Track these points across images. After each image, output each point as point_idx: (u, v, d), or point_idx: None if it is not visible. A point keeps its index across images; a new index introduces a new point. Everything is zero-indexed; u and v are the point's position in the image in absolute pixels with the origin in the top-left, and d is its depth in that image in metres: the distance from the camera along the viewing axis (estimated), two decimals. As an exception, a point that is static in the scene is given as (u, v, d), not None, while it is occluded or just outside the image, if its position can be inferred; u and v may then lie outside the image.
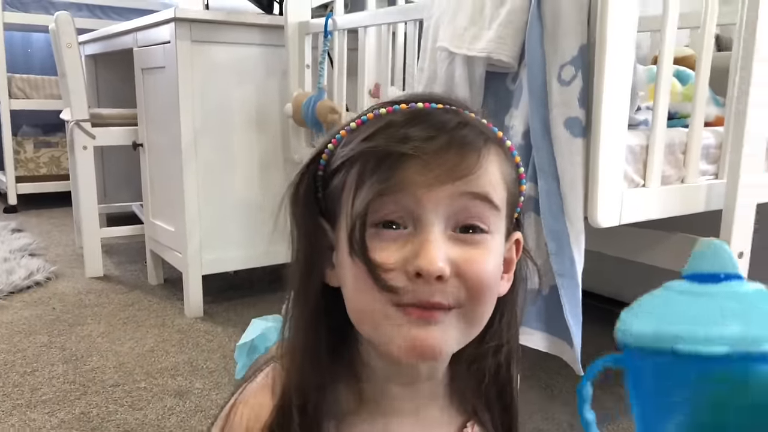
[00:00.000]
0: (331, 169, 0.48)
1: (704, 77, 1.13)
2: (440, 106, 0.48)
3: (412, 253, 0.43)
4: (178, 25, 1.77)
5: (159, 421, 1.32)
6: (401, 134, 0.44)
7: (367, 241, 0.44)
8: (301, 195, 0.49)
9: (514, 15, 1.07)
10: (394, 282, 0.43)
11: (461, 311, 0.45)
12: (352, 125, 0.48)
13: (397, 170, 0.43)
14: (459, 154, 0.44)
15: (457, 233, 0.45)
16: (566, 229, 1.03)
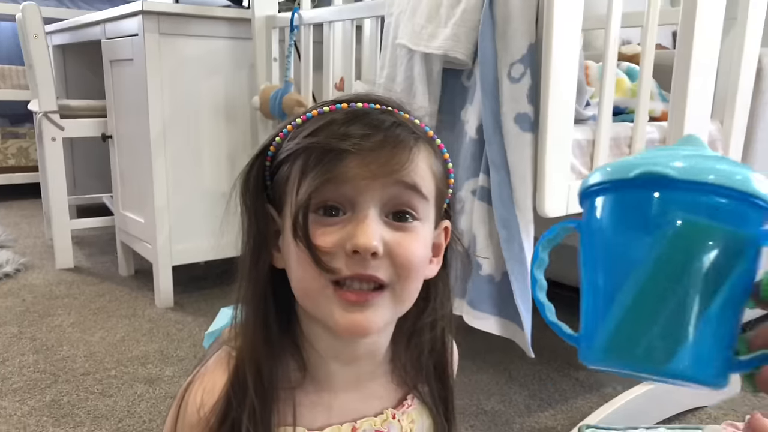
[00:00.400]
0: (278, 161, 0.53)
1: (647, 74, 1.19)
2: (378, 107, 0.52)
3: (350, 234, 0.48)
4: (146, 17, 1.79)
5: (129, 407, 1.36)
6: (341, 132, 0.49)
7: (309, 226, 0.49)
8: (251, 183, 0.54)
9: (468, 14, 1.12)
10: (333, 263, 0.48)
11: (391, 291, 0.50)
12: (297, 120, 0.53)
13: (337, 164, 0.48)
14: (392, 151, 0.49)
15: (390, 219, 0.50)
16: (516, 219, 1.09)
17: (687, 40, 1.14)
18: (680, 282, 0.32)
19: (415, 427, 0.59)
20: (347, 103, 0.52)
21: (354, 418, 0.56)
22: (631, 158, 0.35)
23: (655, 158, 0.34)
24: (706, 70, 1.19)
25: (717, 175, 0.32)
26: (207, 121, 1.95)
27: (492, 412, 1.37)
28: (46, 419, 1.31)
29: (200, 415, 0.53)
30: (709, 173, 0.32)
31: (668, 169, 0.33)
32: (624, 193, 0.35)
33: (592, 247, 0.36)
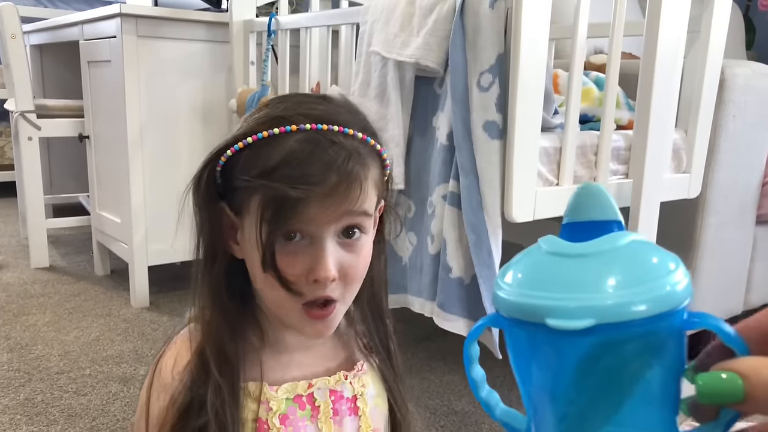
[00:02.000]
0: (232, 178, 0.57)
1: (613, 83, 1.23)
2: (325, 128, 0.55)
3: (311, 265, 0.55)
4: (124, 20, 1.80)
5: (103, 406, 1.37)
6: (297, 175, 0.52)
7: (276, 254, 0.55)
8: (203, 185, 0.58)
9: (440, 24, 1.15)
10: (298, 288, 0.56)
11: (340, 301, 0.59)
12: (248, 140, 0.55)
13: (295, 210, 0.53)
14: (347, 191, 0.54)
15: (341, 238, 0.57)
16: (485, 223, 1.12)
17: (651, 51, 1.18)
18: (606, 401, 0.32)
19: (365, 391, 0.65)
20: (296, 125, 0.54)
21: (311, 376, 0.63)
22: (544, 280, 0.32)
23: (565, 288, 0.31)
24: (670, 80, 1.23)
25: (603, 313, 0.29)
26: (184, 123, 1.96)
27: (462, 412, 1.40)
28: (20, 417, 1.31)
29: (173, 375, 0.59)
30: (594, 313, 0.29)
31: (582, 321, 0.29)
32: (537, 334, 0.32)
33: (516, 356, 0.35)
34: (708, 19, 1.32)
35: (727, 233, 1.59)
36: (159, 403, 0.60)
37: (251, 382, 0.60)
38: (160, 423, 0.59)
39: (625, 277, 0.30)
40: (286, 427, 0.60)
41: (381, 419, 0.67)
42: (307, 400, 0.62)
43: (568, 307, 0.30)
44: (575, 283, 0.31)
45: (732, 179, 1.55)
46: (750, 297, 1.76)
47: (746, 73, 1.49)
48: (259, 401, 0.60)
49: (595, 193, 0.34)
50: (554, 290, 0.31)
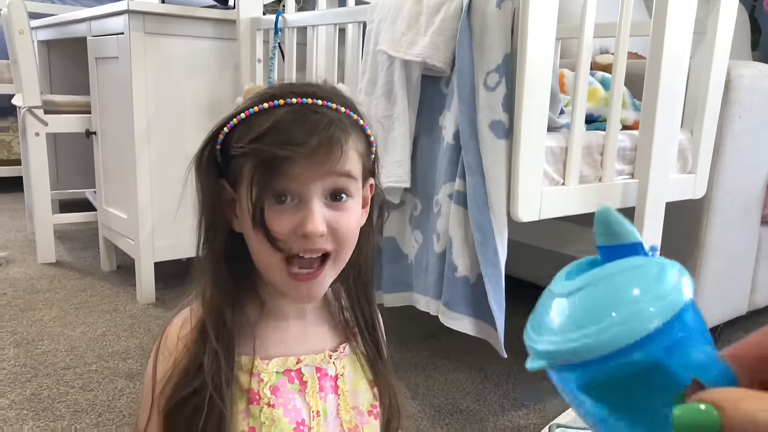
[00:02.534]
0: (229, 153, 0.62)
1: (619, 83, 1.23)
2: (310, 101, 0.60)
3: (300, 221, 0.60)
4: (131, 16, 1.80)
5: (109, 401, 1.38)
6: (284, 140, 0.58)
7: (265, 212, 0.59)
8: (204, 162, 0.63)
9: (447, 24, 1.15)
10: (287, 246, 0.60)
11: (333, 257, 0.62)
12: (241, 116, 0.61)
13: (281, 169, 0.58)
14: (328, 152, 0.59)
15: (329, 201, 0.61)
16: (490, 222, 1.13)
17: (657, 51, 1.18)
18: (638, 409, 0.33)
19: (345, 371, 0.69)
20: (283, 99, 0.60)
21: (300, 353, 0.68)
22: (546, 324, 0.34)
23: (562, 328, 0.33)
24: (676, 80, 1.24)
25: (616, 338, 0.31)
26: (191, 120, 1.97)
27: (467, 411, 1.40)
28: (26, 413, 1.32)
29: (179, 339, 0.63)
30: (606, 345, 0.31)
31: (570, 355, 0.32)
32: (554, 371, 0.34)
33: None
34: (714, 20, 1.32)
35: (732, 233, 1.59)
36: (164, 366, 0.64)
37: (244, 356, 0.64)
38: (165, 385, 0.63)
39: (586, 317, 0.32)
40: (277, 397, 0.64)
41: (361, 400, 0.70)
42: (296, 375, 0.66)
43: (535, 349, 0.33)
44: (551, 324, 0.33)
45: (737, 180, 1.55)
46: (754, 297, 1.76)
47: (752, 74, 1.49)
48: (251, 374, 0.64)
49: (604, 220, 0.35)
50: (538, 332, 0.34)
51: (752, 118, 1.52)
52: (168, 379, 0.62)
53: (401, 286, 1.33)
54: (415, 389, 1.48)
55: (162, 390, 0.62)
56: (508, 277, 1.20)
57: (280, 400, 0.64)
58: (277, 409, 0.64)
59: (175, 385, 0.62)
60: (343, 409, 0.68)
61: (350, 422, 0.69)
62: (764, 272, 1.75)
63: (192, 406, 0.61)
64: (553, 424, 1.23)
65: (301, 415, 0.65)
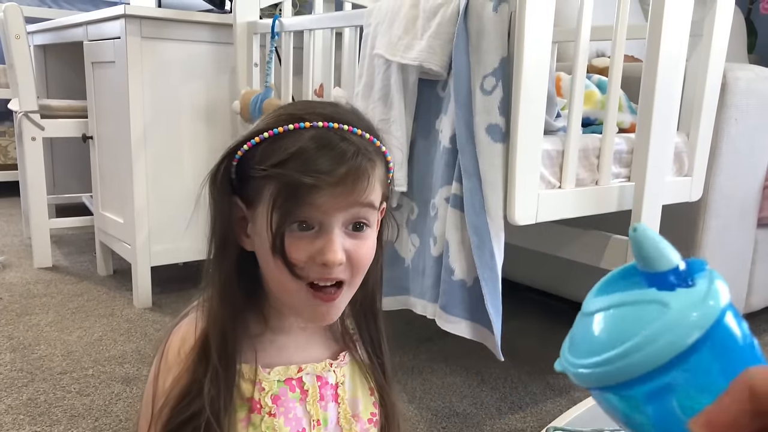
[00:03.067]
0: (247, 171, 0.61)
1: (616, 86, 1.23)
2: (336, 126, 0.59)
3: (319, 249, 0.59)
4: (128, 21, 1.80)
5: (106, 406, 1.38)
6: (310, 167, 0.57)
7: (285, 239, 0.58)
8: (219, 179, 0.62)
9: (443, 28, 1.15)
10: (305, 273, 0.60)
11: (347, 284, 0.62)
12: (264, 135, 0.59)
13: (306, 197, 0.57)
14: (354, 182, 0.58)
15: (349, 230, 0.61)
16: (487, 226, 1.13)
17: (653, 54, 1.19)
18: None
19: (345, 380, 0.69)
20: (309, 122, 0.59)
21: (301, 361, 0.68)
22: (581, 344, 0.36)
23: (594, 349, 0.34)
24: (672, 83, 1.24)
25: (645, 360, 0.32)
26: (187, 125, 1.97)
27: (464, 414, 1.40)
28: (23, 417, 1.32)
29: (180, 355, 0.63)
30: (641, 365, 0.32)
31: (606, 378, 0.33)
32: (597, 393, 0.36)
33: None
34: (710, 23, 1.33)
35: (728, 236, 1.59)
36: (164, 383, 0.63)
37: (245, 365, 0.64)
38: (164, 403, 0.62)
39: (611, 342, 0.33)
40: (278, 406, 0.64)
41: (361, 408, 0.70)
42: (297, 384, 0.66)
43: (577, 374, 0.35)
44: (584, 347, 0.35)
45: (733, 182, 1.56)
46: (751, 300, 1.76)
47: (748, 77, 1.50)
48: (253, 382, 0.64)
49: (639, 242, 0.35)
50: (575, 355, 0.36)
51: (748, 121, 1.52)
52: (166, 401, 0.62)
53: (398, 289, 1.33)
54: (412, 393, 1.48)
55: (160, 410, 0.62)
56: (504, 280, 1.20)
57: (281, 410, 0.64)
58: (278, 419, 0.64)
59: (172, 408, 0.61)
60: (343, 417, 0.68)
61: (350, 430, 0.69)
62: (760, 274, 1.75)
63: (190, 430, 0.60)
64: (550, 427, 1.23)
65: (302, 424, 0.65)
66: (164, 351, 0.65)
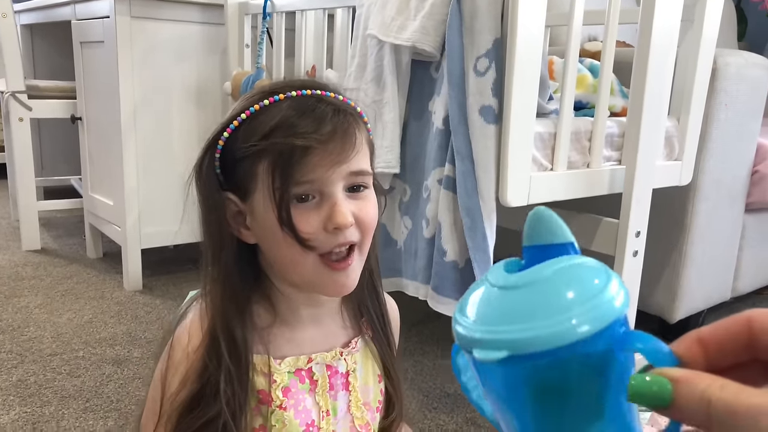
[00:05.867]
0: (235, 156, 0.60)
1: (608, 70, 1.23)
2: (309, 92, 0.60)
3: (327, 216, 0.59)
4: (117, 0, 1.78)
5: (97, 387, 1.38)
6: (296, 131, 0.57)
7: (291, 212, 0.58)
8: (204, 173, 0.62)
9: (437, 8, 1.15)
10: (316, 244, 0.59)
11: (358, 248, 0.62)
12: (242, 116, 0.59)
13: (302, 159, 0.57)
14: (343, 138, 0.59)
15: (349, 193, 0.61)
16: (479, 207, 1.13)
17: (645, 39, 1.19)
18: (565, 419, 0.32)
19: (357, 367, 0.69)
20: (282, 94, 0.60)
21: (311, 351, 0.66)
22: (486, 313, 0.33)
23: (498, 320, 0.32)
24: (663, 68, 1.24)
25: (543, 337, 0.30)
26: (178, 106, 1.95)
27: (455, 395, 1.41)
28: (13, 398, 1.32)
29: (188, 351, 0.61)
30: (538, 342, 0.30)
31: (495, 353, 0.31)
32: (476, 364, 0.33)
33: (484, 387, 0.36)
34: (701, 9, 1.33)
35: (716, 220, 1.61)
36: (172, 386, 0.62)
37: (257, 356, 0.63)
38: (172, 405, 0.61)
39: (542, 307, 0.31)
40: (288, 399, 0.63)
41: (371, 396, 0.70)
42: (307, 374, 0.65)
43: (489, 340, 0.31)
44: (503, 316, 0.32)
45: (722, 167, 1.57)
46: (738, 284, 1.78)
47: (738, 63, 1.50)
48: (267, 375, 0.63)
49: (545, 218, 0.35)
50: (486, 323, 0.32)
51: (738, 106, 1.53)
52: (176, 403, 0.60)
53: (390, 271, 1.33)
54: (404, 374, 1.49)
55: (171, 412, 0.60)
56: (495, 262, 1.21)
57: (291, 402, 0.63)
58: (288, 411, 0.63)
59: (185, 413, 0.60)
60: (354, 405, 0.68)
61: (362, 419, 0.68)
62: (748, 259, 1.77)
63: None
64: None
65: (311, 415, 0.65)
66: (170, 349, 0.63)
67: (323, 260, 0.60)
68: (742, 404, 0.26)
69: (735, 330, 0.30)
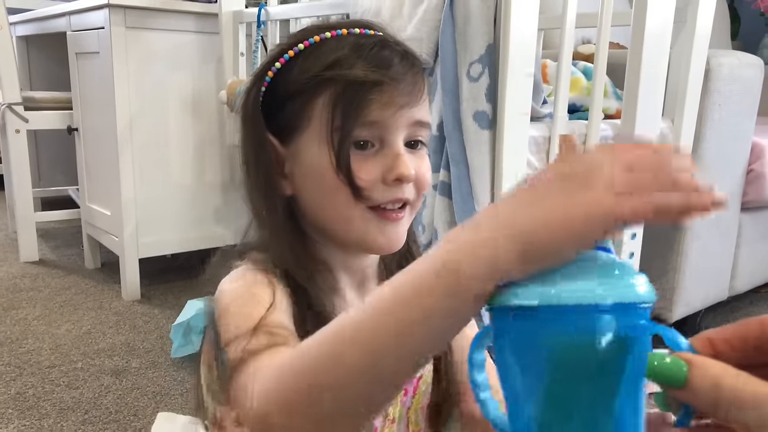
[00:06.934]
0: (288, 90, 0.55)
1: (601, 73, 1.24)
2: (372, 32, 0.56)
3: (389, 166, 0.54)
4: (112, 11, 1.78)
5: (96, 399, 1.37)
6: (365, 63, 0.52)
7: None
8: (251, 108, 0.56)
9: (430, 14, 1.15)
10: (371, 193, 0.54)
11: (411, 205, 0.57)
12: (300, 46, 0.55)
13: (369, 99, 0.52)
14: (413, 81, 0.54)
15: (408, 148, 0.56)
16: (475, 213, 1.13)
17: (638, 41, 1.19)
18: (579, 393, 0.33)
19: (425, 372, 0.63)
20: (346, 29, 0.55)
21: None
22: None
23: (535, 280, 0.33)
24: (657, 69, 1.25)
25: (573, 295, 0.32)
26: (174, 115, 1.95)
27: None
28: (12, 411, 1.31)
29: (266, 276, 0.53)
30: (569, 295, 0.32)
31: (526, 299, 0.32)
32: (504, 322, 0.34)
33: (501, 358, 0.36)
34: (694, 9, 1.34)
35: (713, 220, 1.61)
36: (266, 291, 0.53)
37: None
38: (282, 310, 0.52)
39: (576, 277, 0.32)
40: None
41: (428, 398, 0.65)
42: None
43: (524, 292, 0.32)
44: (540, 277, 0.33)
45: (717, 167, 1.57)
46: (735, 283, 1.78)
47: (731, 63, 1.51)
48: None
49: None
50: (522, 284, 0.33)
51: (731, 107, 1.54)
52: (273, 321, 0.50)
53: (387, 277, 1.33)
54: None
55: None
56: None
57: None
58: None
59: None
60: (413, 409, 0.62)
61: (416, 424, 0.63)
62: (744, 258, 1.77)
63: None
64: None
65: (375, 422, 0.59)
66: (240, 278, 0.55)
67: (374, 211, 0.55)
68: (749, 392, 0.28)
69: (746, 331, 0.32)
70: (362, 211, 0.54)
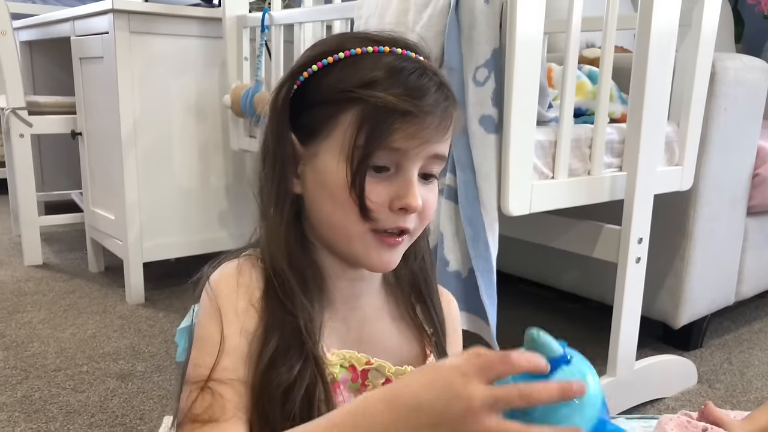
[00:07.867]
0: (320, 95, 0.55)
1: (607, 77, 1.24)
2: (413, 56, 0.55)
3: (398, 194, 0.55)
4: (116, 16, 1.79)
5: (102, 402, 1.37)
6: (399, 91, 0.52)
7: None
8: (280, 103, 0.57)
9: (435, 19, 1.15)
10: (377, 215, 0.55)
11: (411, 233, 0.59)
12: (340, 55, 0.54)
13: (395, 128, 0.52)
14: (441, 116, 0.55)
15: (420, 179, 0.57)
16: (481, 217, 1.13)
17: (643, 44, 1.19)
18: None
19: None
20: (387, 46, 0.55)
21: (373, 353, 0.61)
22: None
23: None
24: (662, 73, 1.25)
25: None
26: (178, 119, 1.96)
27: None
28: (18, 415, 1.31)
29: (238, 284, 0.56)
30: None
31: None
32: None
33: None
34: (699, 13, 1.34)
35: (718, 224, 1.61)
36: (240, 302, 0.56)
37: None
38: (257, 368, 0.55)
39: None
40: (336, 396, 0.58)
41: None
42: (361, 376, 0.60)
43: None
44: None
45: (723, 171, 1.57)
46: (741, 288, 1.78)
47: (737, 66, 1.51)
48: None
49: (537, 340, 0.47)
50: None
51: (737, 110, 1.54)
52: (253, 357, 0.54)
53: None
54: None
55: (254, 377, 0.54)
56: (497, 272, 1.21)
57: (339, 399, 0.58)
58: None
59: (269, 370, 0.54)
60: None
61: None
62: (750, 263, 1.77)
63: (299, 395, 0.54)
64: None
65: None
66: (211, 289, 0.57)
67: (374, 233, 0.56)
68: None
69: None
70: (364, 231, 0.56)
